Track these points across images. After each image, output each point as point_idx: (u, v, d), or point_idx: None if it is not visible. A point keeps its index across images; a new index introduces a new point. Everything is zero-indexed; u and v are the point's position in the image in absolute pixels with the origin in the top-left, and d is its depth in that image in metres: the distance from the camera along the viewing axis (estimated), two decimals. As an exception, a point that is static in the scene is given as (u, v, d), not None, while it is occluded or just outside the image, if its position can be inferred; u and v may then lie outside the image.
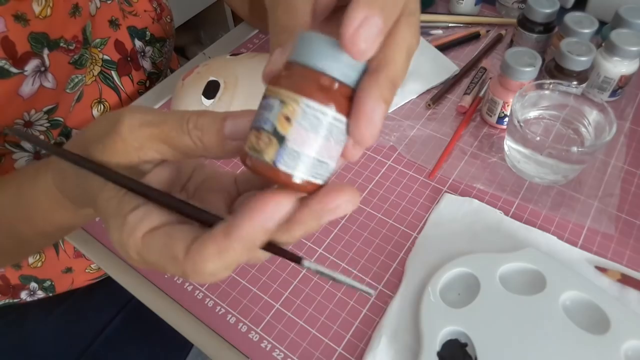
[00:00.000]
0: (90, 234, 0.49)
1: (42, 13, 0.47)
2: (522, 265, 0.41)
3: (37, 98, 0.50)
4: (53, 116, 0.54)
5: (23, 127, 0.51)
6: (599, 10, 0.63)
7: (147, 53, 0.66)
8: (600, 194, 0.49)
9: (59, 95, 0.53)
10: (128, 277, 0.46)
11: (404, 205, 0.49)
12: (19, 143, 0.55)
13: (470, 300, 0.39)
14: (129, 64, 0.63)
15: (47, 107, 0.52)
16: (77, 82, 0.56)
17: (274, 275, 0.44)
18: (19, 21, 0.46)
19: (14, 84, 0.47)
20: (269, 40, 0.64)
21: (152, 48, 0.67)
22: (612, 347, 0.36)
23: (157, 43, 0.67)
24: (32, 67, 0.48)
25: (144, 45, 0.65)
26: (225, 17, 1.63)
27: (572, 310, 0.39)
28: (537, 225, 0.47)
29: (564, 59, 0.51)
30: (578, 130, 0.50)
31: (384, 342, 0.39)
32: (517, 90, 0.49)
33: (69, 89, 0.55)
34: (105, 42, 0.60)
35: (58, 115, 0.55)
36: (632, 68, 0.53)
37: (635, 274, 0.42)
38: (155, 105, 0.60)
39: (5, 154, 0.55)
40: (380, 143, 0.54)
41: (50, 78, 0.51)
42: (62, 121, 0.56)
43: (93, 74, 0.59)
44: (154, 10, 0.66)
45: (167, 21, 0.69)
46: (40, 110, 0.52)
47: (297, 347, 0.40)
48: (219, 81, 0.51)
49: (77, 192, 0.30)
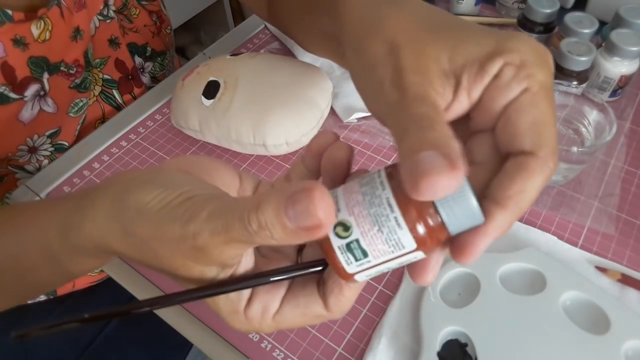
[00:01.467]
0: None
1: (41, 36, 0.47)
2: (522, 265, 0.41)
3: (37, 123, 0.50)
4: (56, 140, 0.54)
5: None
6: (599, 10, 0.63)
7: (146, 68, 0.65)
8: (601, 194, 0.49)
9: (61, 119, 0.53)
10: (128, 278, 0.46)
11: (404, 205, 0.49)
12: (22, 166, 0.54)
13: (470, 300, 0.39)
14: (130, 82, 0.63)
15: (49, 132, 0.52)
16: (82, 106, 0.55)
17: (274, 275, 0.44)
18: (18, 45, 0.45)
19: (13, 110, 0.47)
20: (270, 38, 0.63)
21: (153, 63, 0.66)
22: (612, 347, 0.36)
23: (158, 57, 0.67)
24: (32, 92, 0.47)
25: (143, 61, 0.65)
26: (225, 17, 1.63)
27: (572, 310, 0.39)
28: (537, 225, 0.47)
29: (564, 59, 0.51)
30: (578, 130, 0.50)
31: (384, 342, 0.39)
32: (517, 90, 0.49)
33: (73, 112, 0.54)
34: (105, 61, 0.59)
35: (62, 139, 0.54)
36: (632, 68, 0.53)
37: (635, 274, 0.42)
38: (156, 105, 0.60)
39: (8, 174, 0.54)
40: (380, 143, 0.54)
41: (50, 102, 0.50)
42: (66, 145, 0.55)
43: (94, 93, 0.59)
44: (153, 24, 0.65)
45: (167, 32, 0.69)
46: (43, 135, 0.51)
47: (297, 347, 0.40)
48: (219, 81, 0.51)
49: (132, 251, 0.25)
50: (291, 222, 0.19)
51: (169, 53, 0.70)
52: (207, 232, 0.21)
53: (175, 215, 0.21)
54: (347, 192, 0.22)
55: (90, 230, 0.25)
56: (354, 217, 0.21)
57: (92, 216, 0.25)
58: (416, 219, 0.20)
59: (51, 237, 0.28)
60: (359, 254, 0.21)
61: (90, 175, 0.53)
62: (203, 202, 0.22)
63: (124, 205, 0.23)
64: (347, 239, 0.21)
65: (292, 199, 0.19)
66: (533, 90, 0.22)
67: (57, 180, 0.53)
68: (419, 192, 0.18)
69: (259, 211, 0.20)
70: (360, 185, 0.22)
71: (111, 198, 0.24)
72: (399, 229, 0.21)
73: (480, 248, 0.21)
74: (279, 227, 0.19)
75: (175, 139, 0.56)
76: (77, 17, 0.51)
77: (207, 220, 0.21)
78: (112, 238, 0.24)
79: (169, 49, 0.70)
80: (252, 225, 0.20)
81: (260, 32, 0.70)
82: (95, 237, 0.25)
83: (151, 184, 0.23)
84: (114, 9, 0.59)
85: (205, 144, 0.55)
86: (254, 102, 0.50)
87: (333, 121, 0.56)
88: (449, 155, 0.19)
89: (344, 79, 0.60)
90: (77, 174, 0.54)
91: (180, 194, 0.22)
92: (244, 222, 0.20)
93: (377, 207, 0.21)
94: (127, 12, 0.62)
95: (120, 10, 0.61)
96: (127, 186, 0.24)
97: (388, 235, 0.21)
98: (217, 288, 0.23)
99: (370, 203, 0.21)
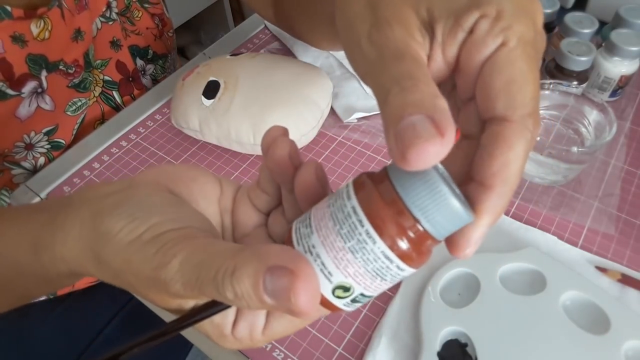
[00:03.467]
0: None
1: (40, 35, 0.47)
2: (522, 265, 0.41)
3: (34, 120, 0.49)
4: (53, 137, 0.54)
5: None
6: (599, 10, 0.63)
7: (147, 71, 0.65)
8: (601, 194, 0.49)
9: (58, 117, 0.53)
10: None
11: (404, 205, 0.49)
12: (18, 163, 0.54)
13: (470, 300, 0.39)
14: (131, 84, 0.63)
15: (46, 129, 0.52)
16: (81, 106, 0.55)
17: (274, 275, 0.44)
18: (17, 42, 0.45)
19: (10, 106, 0.47)
20: (270, 38, 0.64)
21: (154, 65, 0.66)
22: (612, 347, 0.36)
23: (160, 60, 0.67)
24: (29, 89, 0.47)
25: (145, 63, 0.65)
26: (225, 17, 1.63)
27: (572, 310, 0.39)
28: (537, 225, 0.47)
29: (564, 59, 0.51)
30: (578, 130, 0.50)
31: (384, 342, 0.39)
32: (517, 90, 0.49)
33: (71, 111, 0.54)
34: (106, 63, 0.59)
35: (58, 137, 0.54)
36: (632, 68, 0.53)
37: (635, 274, 0.42)
38: (155, 105, 0.60)
39: (4, 170, 0.54)
40: (380, 143, 0.54)
41: (47, 100, 0.50)
42: (63, 143, 0.55)
43: (94, 94, 0.59)
44: (156, 27, 0.65)
45: (169, 35, 0.69)
46: (40, 132, 0.51)
47: (297, 347, 0.40)
48: (219, 81, 0.51)
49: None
50: (270, 298, 0.17)
51: (171, 56, 0.70)
52: (180, 284, 0.20)
53: (146, 254, 0.20)
54: (320, 229, 0.20)
55: (61, 253, 0.24)
56: (352, 278, 0.19)
57: (62, 239, 0.24)
58: (396, 234, 0.18)
59: (22, 253, 0.27)
60: (363, 300, 0.21)
61: (90, 175, 0.53)
62: (174, 245, 0.20)
63: (94, 232, 0.22)
64: (350, 297, 0.20)
65: (271, 272, 0.17)
66: (510, 46, 0.19)
67: (57, 180, 0.53)
68: (408, 163, 0.17)
69: (233, 279, 0.18)
70: (331, 216, 0.20)
71: (79, 220, 0.23)
72: (390, 264, 0.19)
73: (475, 241, 0.20)
74: (256, 300, 0.18)
75: (175, 139, 0.56)
76: (79, 18, 0.51)
77: (178, 270, 0.19)
78: (86, 262, 0.23)
79: (170, 52, 0.70)
80: (227, 294, 0.18)
81: (260, 32, 0.70)
82: (68, 259, 0.24)
83: (120, 209, 0.22)
84: (117, 11, 0.59)
85: (205, 144, 0.55)
86: (254, 102, 0.50)
87: (333, 121, 0.56)
88: (436, 119, 0.17)
89: (344, 79, 0.60)
90: (77, 174, 0.54)
91: (150, 228, 0.21)
92: (217, 287, 0.18)
93: (363, 245, 0.19)
94: (129, 14, 0.62)
95: (123, 12, 0.61)
96: (96, 209, 0.23)
97: (386, 275, 0.19)
98: (188, 319, 0.22)
99: (348, 236, 0.19)
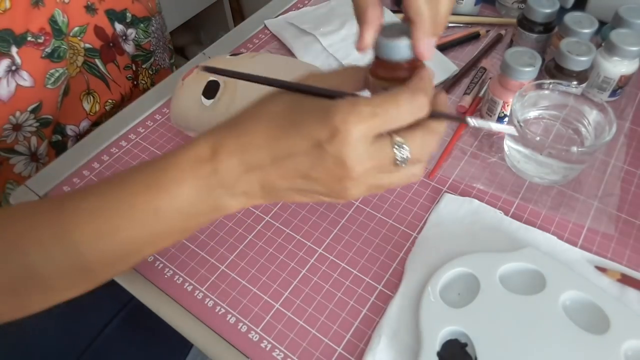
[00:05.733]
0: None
1: (1, 6, 0.46)
2: (522, 265, 0.41)
3: (17, 99, 0.48)
4: (40, 115, 0.52)
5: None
6: (599, 10, 0.63)
7: (129, 36, 0.63)
8: (600, 194, 0.49)
9: (40, 93, 0.51)
10: (128, 278, 0.46)
11: (404, 205, 0.49)
12: (11, 148, 0.54)
13: (470, 300, 0.39)
14: (112, 49, 0.61)
15: (31, 107, 0.51)
16: (59, 77, 0.53)
17: (274, 275, 0.44)
18: None
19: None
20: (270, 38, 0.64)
21: (136, 29, 0.64)
22: (612, 347, 0.36)
23: (141, 23, 0.64)
24: (4, 68, 0.46)
25: (125, 28, 0.62)
26: (225, 17, 1.63)
27: (572, 310, 0.39)
28: (537, 225, 0.47)
29: (563, 59, 0.51)
30: (578, 130, 0.50)
31: (384, 342, 0.39)
32: (517, 90, 0.49)
33: (50, 84, 0.52)
34: (84, 29, 0.57)
35: (45, 113, 0.53)
36: (632, 68, 0.53)
37: (635, 274, 0.42)
38: (155, 105, 0.60)
39: (2, 161, 0.54)
40: (380, 143, 0.54)
41: (25, 76, 0.49)
42: (51, 119, 0.54)
43: (77, 64, 0.57)
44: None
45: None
46: (26, 111, 0.50)
47: (297, 347, 0.40)
48: (219, 81, 0.51)
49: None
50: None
51: (155, 19, 0.67)
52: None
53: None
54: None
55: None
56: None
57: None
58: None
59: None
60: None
61: (90, 175, 0.54)
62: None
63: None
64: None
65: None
66: None
67: (57, 180, 0.53)
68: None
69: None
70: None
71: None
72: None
73: (426, 43, 0.31)
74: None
75: (175, 139, 0.56)
76: None
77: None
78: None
79: (153, 15, 0.67)
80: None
81: (260, 32, 0.70)
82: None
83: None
84: None
85: (205, 144, 0.55)
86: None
87: (333, 121, 0.56)
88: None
89: (344, 78, 0.60)
90: (77, 174, 0.54)
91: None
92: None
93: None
94: None
95: None
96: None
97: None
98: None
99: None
